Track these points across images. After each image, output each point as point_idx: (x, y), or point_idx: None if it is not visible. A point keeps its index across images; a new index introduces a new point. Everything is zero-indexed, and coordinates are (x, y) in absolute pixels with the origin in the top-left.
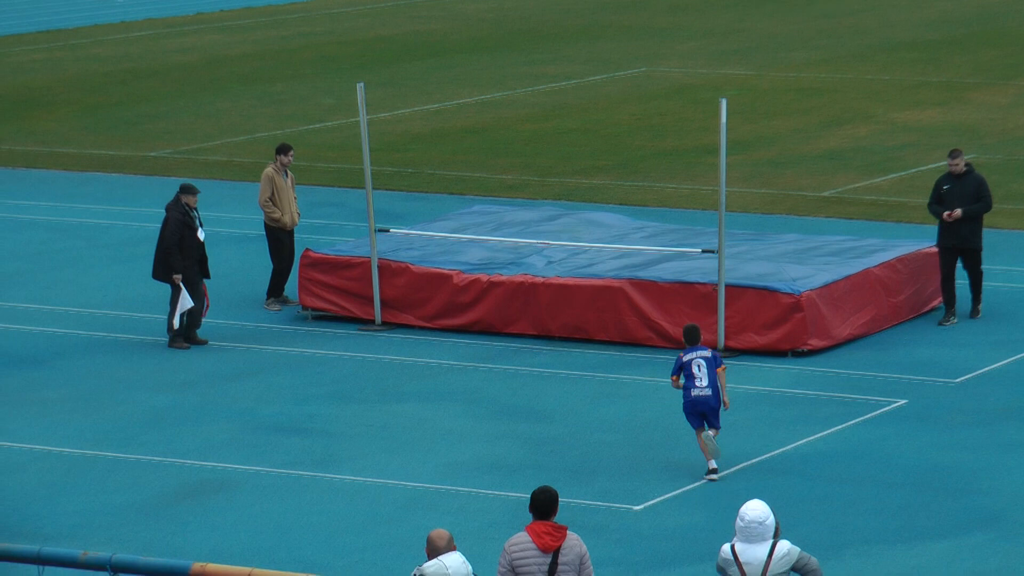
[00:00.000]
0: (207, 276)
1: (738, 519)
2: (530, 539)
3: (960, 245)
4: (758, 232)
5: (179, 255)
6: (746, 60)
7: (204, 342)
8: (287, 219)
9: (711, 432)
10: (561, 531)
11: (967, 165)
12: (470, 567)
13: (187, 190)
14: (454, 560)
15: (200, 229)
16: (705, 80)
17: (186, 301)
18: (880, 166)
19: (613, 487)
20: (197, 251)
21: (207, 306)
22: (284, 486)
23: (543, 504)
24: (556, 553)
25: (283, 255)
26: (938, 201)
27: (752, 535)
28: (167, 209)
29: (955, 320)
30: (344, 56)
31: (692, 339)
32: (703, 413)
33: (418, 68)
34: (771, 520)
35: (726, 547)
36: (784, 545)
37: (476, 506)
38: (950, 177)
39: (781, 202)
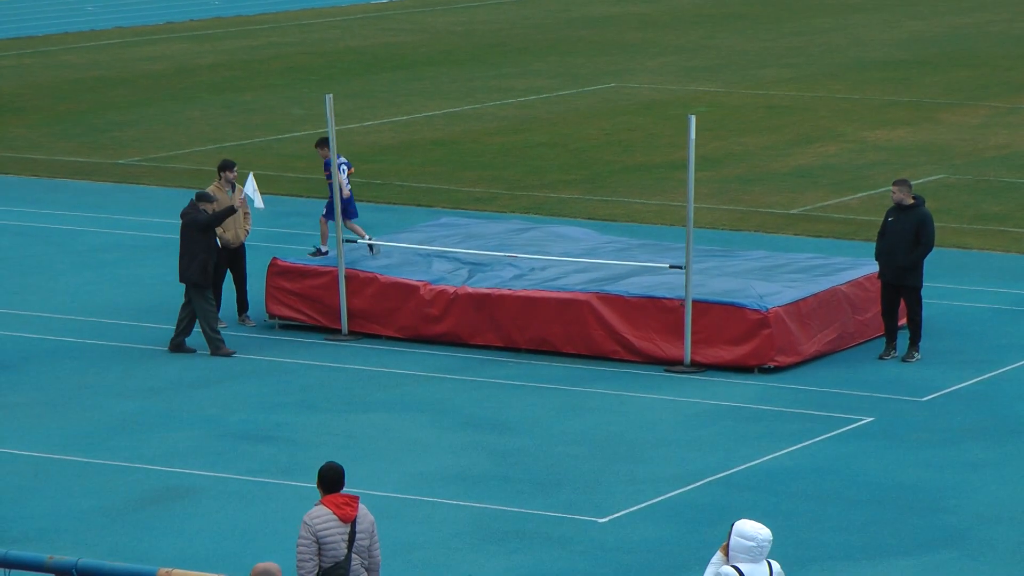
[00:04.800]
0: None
1: (743, 540)
2: (330, 511)
3: (897, 283)
4: (726, 248)
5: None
6: (716, 77)
7: (192, 351)
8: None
9: None
10: (355, 500)
11: (916, 198)
12: None
13: (204, 198)
14: None
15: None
16: (674, 96)
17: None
18: (849, 184)
19: (578, 499)
20: (216, 257)
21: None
22: (249, 493)
23: (334, 479)
24: (354, 522)
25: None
26: (881, 234)
27: (760, 555)
28: (184, 214)
29: (895, 354)
30: (313, 67)
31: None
32: None
33: (387, 80)
34: None
35: (728, 569)
36: (776, 564)
37: (440, 516)
38: (896, 209)
39: (749, 219)
